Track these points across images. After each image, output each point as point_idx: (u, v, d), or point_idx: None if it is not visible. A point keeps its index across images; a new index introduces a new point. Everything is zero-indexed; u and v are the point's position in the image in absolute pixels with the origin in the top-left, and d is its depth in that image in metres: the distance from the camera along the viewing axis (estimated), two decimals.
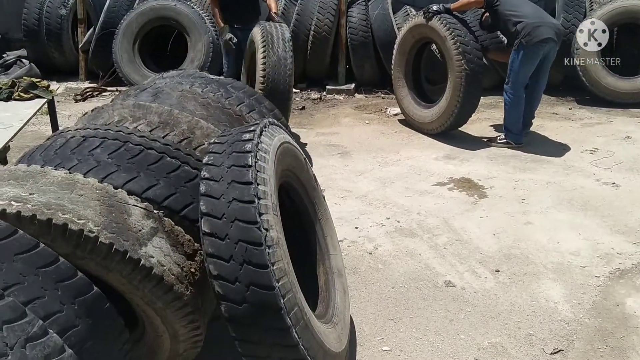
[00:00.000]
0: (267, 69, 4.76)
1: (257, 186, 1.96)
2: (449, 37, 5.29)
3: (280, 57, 4.82)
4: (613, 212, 4.04)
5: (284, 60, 4.84)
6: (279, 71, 4.79)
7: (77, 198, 1.85)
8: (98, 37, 8.07)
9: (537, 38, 5.10)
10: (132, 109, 2.70)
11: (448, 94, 5.45)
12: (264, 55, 4.79)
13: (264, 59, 4.78)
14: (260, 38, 4.92)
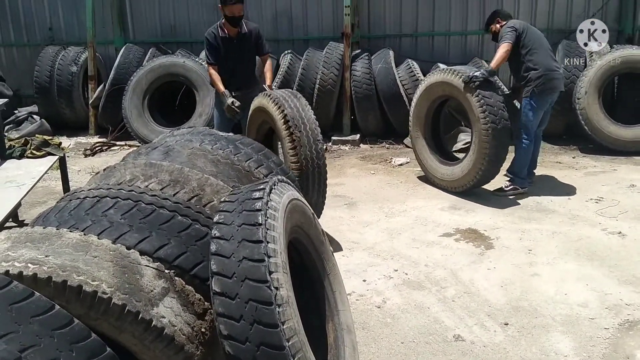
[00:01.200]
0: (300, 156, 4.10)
1: (267, 244, 1.99)
2: (474, 98, 5.13)
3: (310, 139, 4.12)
4: (620, 262, 4.04)
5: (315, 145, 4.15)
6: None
7: (91, 259, 1.89)
8: (108, 93, 8.28)
9: (550, 89, 5.37)
10: (143, 167, 2.77)
11: (473, 151, 5.29)
12: (292, 141, 4.08)
13: (293, 145, 4.09)
14: (281, 118, 4.16)
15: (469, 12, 8.56)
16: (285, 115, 4.09)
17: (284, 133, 4.10)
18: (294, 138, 4.04)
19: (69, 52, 9.03)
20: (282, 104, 4.17)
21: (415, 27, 8.76)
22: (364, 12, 8.77)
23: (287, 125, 4.07)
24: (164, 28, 9.54)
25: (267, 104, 4.30)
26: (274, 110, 4.18)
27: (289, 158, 4.06)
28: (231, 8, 5.11)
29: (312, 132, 4.11)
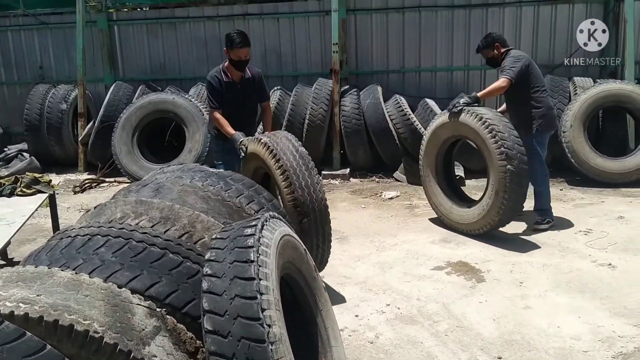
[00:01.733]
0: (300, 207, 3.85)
1: (259, 282, 1.99)
2: (487, 135, 4.89)
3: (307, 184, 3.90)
4: (611, 294, 4.05)
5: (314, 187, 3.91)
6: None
7: (82, 298, 1.88)
8: (97, 130, 8.31)
9: (552, 127, 5.59)
10: (134, 205, 2.77)
11: (491, 194, 5.03)
12: (292, 193, 3.84)
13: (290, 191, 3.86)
14: (274, 162, 3.94)
15: (454, 48, 8.74)
16: (281, 165, 3.86)
17: (282, 184, 3.87)
18: (292, 190, 3.80)
19: (59, 90, 9.09)
20: (277, 152, 3.91)
21: (402, 63, 8.91)
22: (351, 49, 8.93)
23: (285, 176, 3.85)
24: (153, 65, 9.65)
25: (260, 151, 4.06)
26: (269, 158, 3.96)
27: (289, 207, 3.80)
28: (238, 52, 4.81)
29: (311, 179, 3.87)
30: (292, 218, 3.69)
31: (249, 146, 4.34)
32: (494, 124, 4.90)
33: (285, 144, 4.01)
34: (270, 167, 3.97)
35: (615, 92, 7.16)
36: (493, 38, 5.55)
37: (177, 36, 9.50)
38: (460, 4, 8.65)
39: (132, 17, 9.84)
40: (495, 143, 4.85)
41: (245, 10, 9.25)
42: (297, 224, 3.74)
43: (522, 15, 8.54)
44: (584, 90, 7.37)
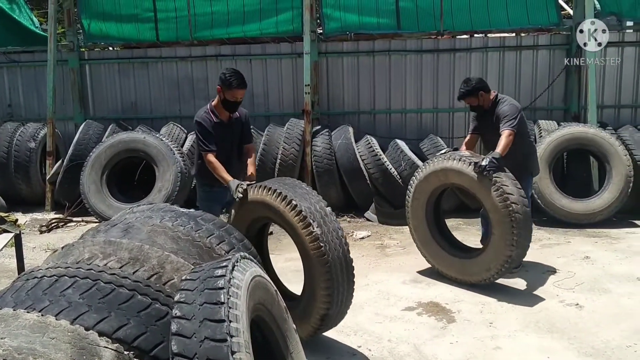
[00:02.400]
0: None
1: (229, 323, 1.97)
2: (490, 187, 4.67)
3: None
4: (578, 333, 4.10)
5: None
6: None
7: (48, 341, 1.84)
8: (66, 169, 8.20)
9: (538, 171, 5.77)
10: (102, 245, 2.73)
11: (494, 242, 4.78)
12: (315, 240, 3.55)
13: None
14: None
15: (422, 91, 8.94)
16: (300, 212, 3.56)
17: (302, 232, 3.57)
18: (315, 237, 3.53)
19: (27, 128, 8.99)
20: (295, 200, 3.61)
21: (373, 104, 9.07)
22: (323, 90, 9.06)
23: (306, 224, 3.55)
24: (124, 105, 9.63)
25: (270, 199, 3.74)
26: (282, 207, 3.65)
27: (312, 253, 3.56)
28: (234, 92, 4.57)
29: (332, 224, 3.65)
30: (316, 267, 3.55)
31: (250, 193, 3.96)
32: (497, 175, 4.68)
33: (299, 191, 3.75)
34: (284, 216, 3.64)
35: (579, 135, 7.37)
36: (475, 87, 5.32)
37: (149, 76, 9.53)
38: (429, 48, 8.89)
39: (103, 56, 9.86)
40: (496, 190, 4.62)
41: (219, 51, 9.35)
42: (323, 274, 3.54)
43: (488, 60, 8.81)
44: (548, 133, 7.58)
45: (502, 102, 5.34)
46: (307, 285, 3.73)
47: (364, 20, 8.93)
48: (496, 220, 4.71)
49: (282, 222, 3.74)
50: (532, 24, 8.72)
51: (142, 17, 9.40)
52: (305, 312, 3.72)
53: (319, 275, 3.57)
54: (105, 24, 9.50)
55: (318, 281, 3.59)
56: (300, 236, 3.60)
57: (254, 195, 3.92)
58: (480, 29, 8.84)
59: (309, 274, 3.67)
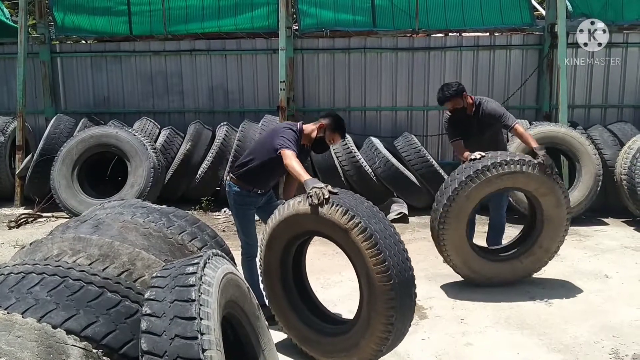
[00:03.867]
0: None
1: (200, 321, 1.95)
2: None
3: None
4: (548, 330, 4.16)
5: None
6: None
7: (14, 340, 1.80)
8: (36, 164, 8.06)
9: None
10: (71, 242, 2.68)
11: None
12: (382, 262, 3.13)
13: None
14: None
15: (397, 89, 8.97)
16: (364, 230, 3.16)
17: (367, 252, 3.15)
18: (387, 268, 3.13)
19: None
20: (365, 224, 3.19)
21: (348, 102, 9.08)
22: (298, 86, 9.04)
23: (372, 243, 3.14)
24: (97, 99, 9.50)
25: (337, 218, 3.24)
26: (351, 229, 3.19)
27: (379, 287, 3.16)
28: (336, 138, 4.30)
29: (401, 253, 3.28)
30: (381, 298, 3.16)
31: (288, 209, 3.49)
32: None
33: (366, 211, 3.34)
34: (348, 236, 3.21)
35: (550, 135, 7.47)
36: (459, 88, 5.26)
37: (122, 70, 9.40)
38: (404, 46, 8.93)
39: (76, 49, 9.70)
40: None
41: (193, 46, 9.27)
42: (385, 302, 3.16)
43: (462, 59, 8.88)
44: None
45: (485, 102, 5.34)
46: (366, 311, 3.33)
47: (340, 17, 8.93)
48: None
49: (343, 242, 3.33)
50: (505, 24, 8.81)
51: (115, 10, 9.27)
52: (363, 338, 3.33)
53: (381, 303, 3.17)
54: (78, 17, 9.34)
55: (379, 309, 3.19)
56: (365, 261, 3.18)
57: (297, 209, 3.42)
58: (455, 28, 8.90)
59: (370, 300, 3.26)
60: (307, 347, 3.67)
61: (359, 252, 3.18)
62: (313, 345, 3.65)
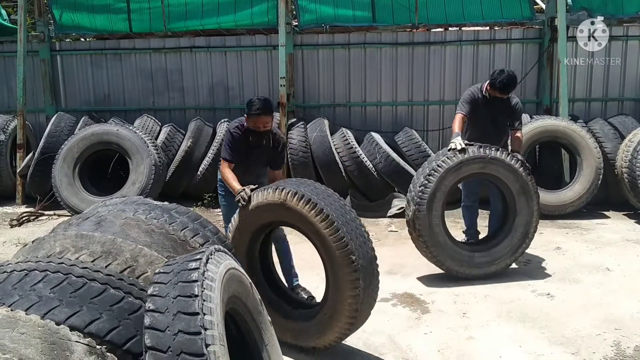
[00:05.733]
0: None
1: (203, 316, 1.96)
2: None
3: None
4: (550, 323, 4.17)
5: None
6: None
7: (18, 336, 1.80)
8: (37, 162, 8.07)
9: None
10: (74, 239, 2.69)
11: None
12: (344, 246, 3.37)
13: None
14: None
15: (397, 84, 8.96)
16: (327, 216, 3.36)
17: (325, 232, 3.37)
18: (346, 243, 3.35)
19: None
20: (315, 201, 3.41)
21: (348, 97, 9.07)
22: (298, 83, 9.03)
23: (330, 225, 3.36)
24: (97, 96, 9.49)
25: (285, 200, 3.49)
26: (302, 208, 3.41)
27: (338, 258, 3.38)
28: (255, 120, 4.20)
29: (358, 228, 3.51)
30: (342, 271, 3.38)
31: (259, 197, 3.69)
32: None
33: (317, 190, 3.55)
34: (306, 219, 3.42)
35: (551, 128, 7.47)
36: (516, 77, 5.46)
37: (122, 67, 9.39)
38: (404, 41, 8.92)
39: (75, 47, 9.68)
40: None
41: (193, 43, 9.26)
42: (350, 279, 3.38)
43: (462, 53, 8.87)
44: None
45: (513, 96, 5.54)
46: (332, 290, 3.52)
47: (340, 12, 8.91)
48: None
49: (303, 226, 3.51)
50: (505, 18, 8.79)
51: (114, 7, 9.25)
52: (332, 319, 3.52)
53: (346, 279, 3.36)
54: (77, 15, 9.33)
55: (345, 286, 3.39)
56: (326, 241, 3.38)
57: (263, 198, 3.64)
58: (455, 22, 8.88)
59: (334, 278, 3.46)
60: (279, 333, 3.64)
61: (319, 234, 3.40)
62: (282, 329, 3.68)
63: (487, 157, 4.98)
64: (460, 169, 4.97)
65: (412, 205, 5.01)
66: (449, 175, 4.96)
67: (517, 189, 5.11)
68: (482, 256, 5.15)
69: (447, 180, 4.97)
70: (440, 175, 4.94)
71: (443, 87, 8.92)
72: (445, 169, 4.95)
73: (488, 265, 5.12)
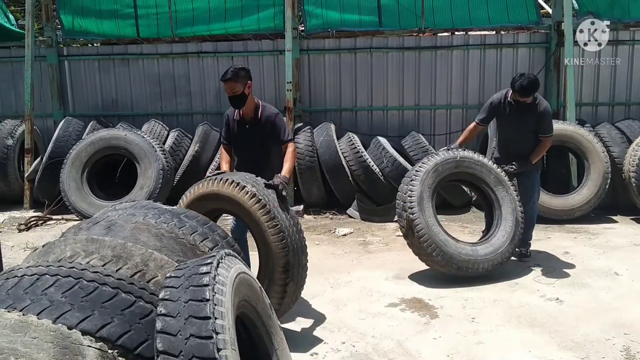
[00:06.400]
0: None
1: (215, 320, 1.97)
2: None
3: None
4: (559, 327, 4.16)
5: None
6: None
7: (30, 341, 1.81)
8: (45, 166, 8.10)
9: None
10: (84, 243, 2.70)
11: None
12: (275, 226, 3.79)
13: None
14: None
15: (404, 88, 8.96)
16: (264, 206, 3.76)
17: (264, 223, 3.76)
18: (279, 230, 3.76)
19: (5, 125, 8.85)
20: (256, 192, 3.80)
21: (355, 102, 9.07)
22: (305, 87, 9.05)
23: (270, 217, 3.76)
24: (105, 101, 9.53)
25: (230, 191, 3.85)
26: (245, 198, 3.79)
27: (274, 245, 3.77)
28: (225, 87, 4.42)
29: (292, 218, 3.90)
30: (276, 257, 3.78)
31: (207, 185, 3.99)
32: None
33: (256, 183, 3.91)
34: (246, 208, 3.80)
35: (558, 133, 7.41)
36: (538, 81, 5.50)
37: (129, 72, 9.43)
38: (410, 46, 8.92)
39: (83, 52, 9.74)
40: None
41: (200, 48, 9.29)
42: (282, 264, 3.80)
43: (469, 57, 8.87)
44: None
45: (542, 101, 5.60)
46: (263, 268, 3.87)
47: (346, 17, 8.92)
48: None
49: (242, 214, 3.88)
50: (512, 23, 8.78)
51: (122, 13, 9.29)
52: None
53: (277, 257, 3.77)
54: (85, 20, 9.38)
55: (276, 264, 3.79)
56: (259, 223, 3.78)
57: (211, 187, 3.96)
58: (461, 26, 8.88)
59: (266, 257, 3.83)
60: None
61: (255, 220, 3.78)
62: None
63: (458, 157, 5.35)
64: (437, 169, 5.29)
65: (405, 213, 5.19)
66: (428, 177, 5.25)
67: (492, 180, 5.42)
68: (484, 248, 5.23)
69: (428, 181, 5.24)
70: (421, 178, 5.23)
71: (450, 91, 8.91)
72: (423, 171, 5.27)
73: (493, 255, 5.18)
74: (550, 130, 5.59)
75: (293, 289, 3.91)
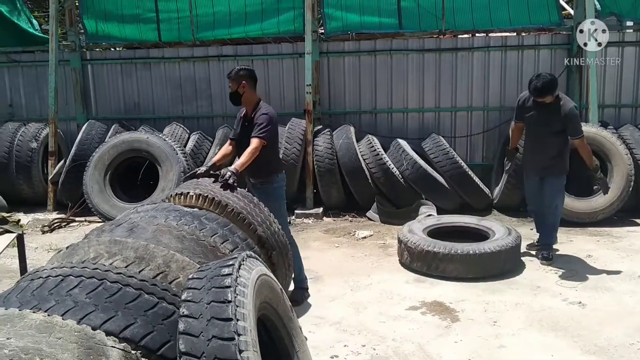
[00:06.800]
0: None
1: (237, 322, 1.98)
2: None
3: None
4: (582, 331, 4.10)
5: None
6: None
7: (55, 341, 1.84)
8: (68, 169, 8.20)
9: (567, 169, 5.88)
10: (107, 245, 2.74)
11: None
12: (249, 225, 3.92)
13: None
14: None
15: (424, 90, 8.92)
16: (232, 210, 3.82)
17: (218, 213, 3.80)
18: (254, 229, 3.84)
19: (29, 128, 8.98)
20: (222, 199, 3.87)
21: (374, 104, 9.05)
22: (324, 90, 9.06)
23: (242, 219, 3.83)
24: (127, 105, 9.63)
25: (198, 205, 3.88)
26: (190, 202, 3.88)
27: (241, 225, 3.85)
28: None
29: (262, 213, 4.01)
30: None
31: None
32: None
33: (198, 184, 4.06)
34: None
35: None
36: (555, 81, 5.40)
37: (151, 76, 9.53)
38: (430, 47, 8.88)
39: (106, 56, 9.86)
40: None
41: (220, 51, 9.35)
42: (266, 260, 3.84)
43: (490, 59, 8.80)
44: None
45: (567, 102, 5.54)
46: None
47: (366, 19, 8.91)
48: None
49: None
50: (533, 24, 8.70)
51: (144, 17, 9.39)
52: None
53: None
54: (107, 25, 9.49)
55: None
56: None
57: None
58: (482, 28, 8.82)
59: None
60: None
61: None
62: None
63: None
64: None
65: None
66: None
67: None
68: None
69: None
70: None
71: (471, 93, 8.85)
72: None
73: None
74: (579, 131, 5.52)
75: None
